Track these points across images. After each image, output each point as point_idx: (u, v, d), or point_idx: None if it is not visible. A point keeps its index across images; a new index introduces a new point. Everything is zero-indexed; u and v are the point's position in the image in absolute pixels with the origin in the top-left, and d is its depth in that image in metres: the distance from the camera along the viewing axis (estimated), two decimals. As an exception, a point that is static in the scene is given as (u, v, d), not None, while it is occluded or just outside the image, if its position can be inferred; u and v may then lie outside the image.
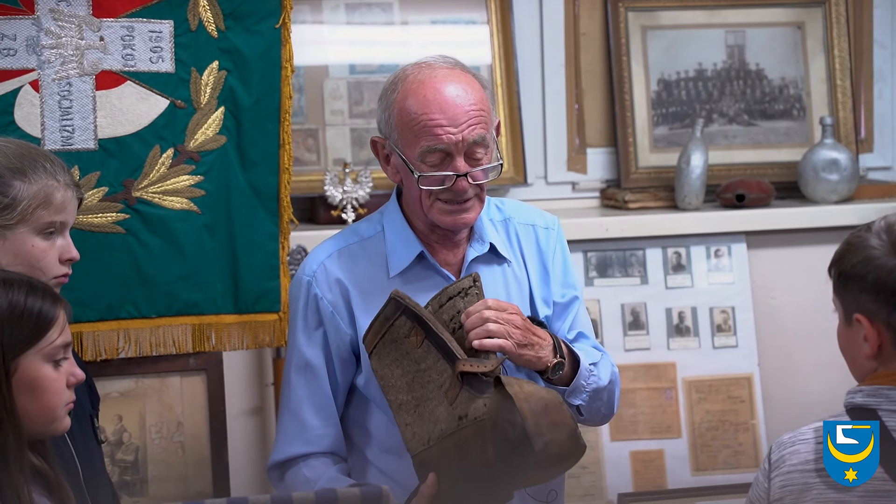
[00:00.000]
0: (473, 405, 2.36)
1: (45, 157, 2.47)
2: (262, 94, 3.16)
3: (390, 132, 2.59)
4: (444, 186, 2.55)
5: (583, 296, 2.80)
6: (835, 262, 2.25)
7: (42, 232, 2.43)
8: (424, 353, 2.45)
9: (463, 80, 2.57)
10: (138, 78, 3.06)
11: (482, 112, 2.56)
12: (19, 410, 2.07)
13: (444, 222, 2.59)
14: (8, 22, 2.95)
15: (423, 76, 2.57)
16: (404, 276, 2.63)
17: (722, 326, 3.79)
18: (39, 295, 2.12)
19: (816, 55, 4.03)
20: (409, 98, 2.55)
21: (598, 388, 2.61)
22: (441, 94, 2.54)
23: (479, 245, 2.66)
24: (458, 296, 2.47)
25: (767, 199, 3.87)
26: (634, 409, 3.73)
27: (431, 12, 3.88)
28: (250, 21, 3.13)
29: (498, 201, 2.78)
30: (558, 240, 2.76)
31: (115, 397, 3.19)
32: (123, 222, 3.08)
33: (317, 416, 2.65)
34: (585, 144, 3.97)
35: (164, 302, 3.13)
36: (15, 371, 2.08)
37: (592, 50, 3.96)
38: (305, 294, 2.65)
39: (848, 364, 2.28)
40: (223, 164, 3.15)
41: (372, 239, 2.67)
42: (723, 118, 4.01)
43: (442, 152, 2.54)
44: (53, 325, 2.12)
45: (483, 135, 2.55)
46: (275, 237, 3.22)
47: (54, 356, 2.12)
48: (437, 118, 2.52)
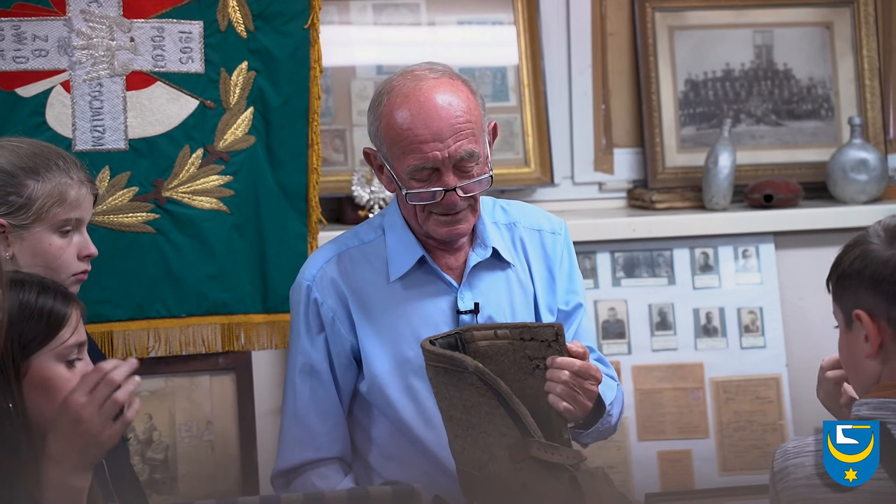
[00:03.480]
0: (537, 477, 2.30)
1: (58, 155, 2.48)
2: (291, 95, 3.17)
3: (380, 145, 2.57)
4: (435, 201, 2.52)
5: (587, 302, 2.77)
6: (832, 269, 2.19)
7: (59, 230, 2.44)
8: (492, 404, 2.34)
9: (450, 90, 2.52)
10: (168, 78, 3.08)
11: (470, 123, 2.51)
12: (34, 410, 2.05)
13: (438, 234, 2.57)
14: (40, 23, 2.97)
15: (407, 88, 2.53)
16: (404, 281, 2.61)
17: (750, 327, 3.79)
18: (51, 294, 2.10)
19: (845, 55, 4.01)
20: (394, 112, 2.52)
21: (607, 429, 2.60)
22: (426, 107, 2.50)
23: (482, 250, 2.63)
24: (542, 343, 2.35)
25: (795, 199, 3.85)
26: (662, 410, 3.72)
27: (458, 13, 3.88)
28: (279, 22, 3.14)
29: (504, 203, 2.74)
30: (565, 245, 2.73)
31: (145, 396, 3.20)
32: (153, 222, 3.10)
33: (323, 421, 2.63)
34: (612, 145, 3.97)
35: (193, 301, 3.14)
36: (27, 371, 2.06)
37: (619, 50, 3.96)
38: (306, 299, 2.63)
39: (850, 377, 2.20)
40: (252, 165, 3.16)
41: (372, 243, 2.65)
42: (750, 118, 4.00)
43: (429, 169, 2.51)
44: (65, 325, 2.09)
45: (471, 149, 2.51)
46: (303, 237, 3.23)
47: (67, 356, 2.10)
48: (423, 134, 2.49)
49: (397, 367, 2.60)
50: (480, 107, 2.57)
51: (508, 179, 3.78)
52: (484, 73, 3.87)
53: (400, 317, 2.60)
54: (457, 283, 2.61)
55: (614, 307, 3.76)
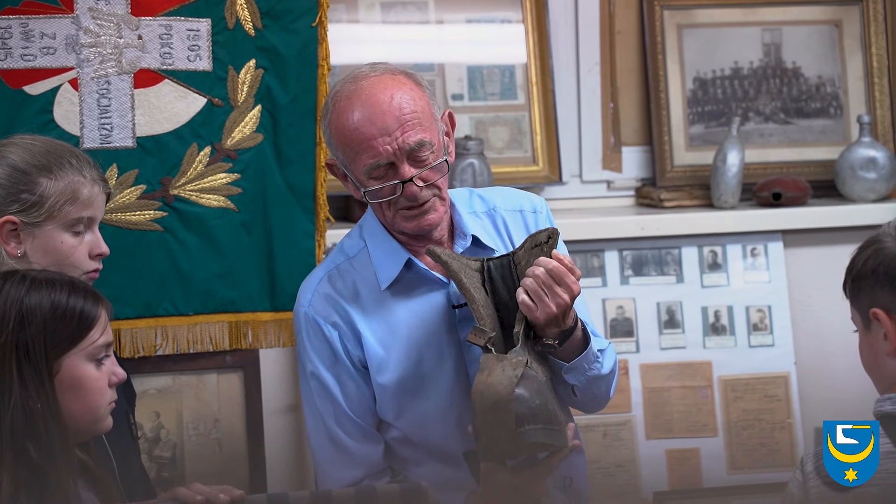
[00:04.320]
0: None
1: (71, 154, 2.48)
2: (299, 93, 3.17)
3: (335, 152, 2.58)
4: (396, 195, 2.53)
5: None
6: (847, 272, 2.20)
7: (70, 228, 2.44)
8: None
9: (391, 85, 2.54)
10: (176, 76, 3.08)
11: (415, 113, 2.52)
12: (63, 410, 2.08)
13: (408, 229, 2.57)
14: (47, 21, 2.97)
15: (349, 91, 2.55)
16: (395, 287, 2.61)
17: (758, 325, 3.78)
18: (81, 295, 2.13)
19: (854, 53, 4.01)
20: (340, 116, 2.53)
21: (598, 377, 2.59)
22: (369, 105, 2.51)
23: (462, 240, 2.63)
24: (537, 248, 2.49)
25: (804, 197, 3.85)
26: (670, 408, 3.72)
27: (466, 11, 3.88)
28: (287, 19, 3.14)
29: (480, 191, 2.75)
30: (547, 221, 2.72)
31: (153, 394, 3.21)
32: (161, 220, 3.10)
33: (352, 438, 2.62)
34: (621, 143, 3.96)
35: (201, 299, 3.14)
36: (58, 371, 2.09)
37: (628, 48, 3.95)
38: (306, 324, 2.64)
39: (873, 379, 2.21)
40: (260, 162, 3.16)
41: (357, 256, 2.65)
42: (759, 116, 3.99)
43: (384, 165, 2.52)
44: (95, 325, 2.13)
45: (421, 139, 2.51)
46: (311, 235, 3.23)
47: (96, 355, 2.13)
48: (369, 131, 2.50)
49: (402, 372, 2.60)
50: (428, 97, 2.57)
51: (516, 177, 3.78)
52: (492, 72, 3.87)
53: (398, 322, 2.61)
54: (445, 279, 2.62)
55: (622, 305, 3.75)
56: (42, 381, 2.05)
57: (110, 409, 2.17)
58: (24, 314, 2.06)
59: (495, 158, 3.80)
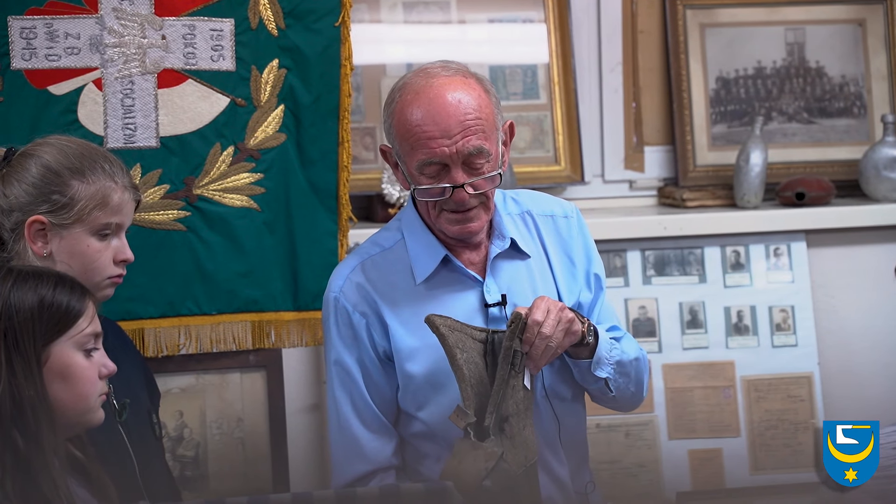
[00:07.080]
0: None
1: (105, 158, 2.49)
2: (322, 92, 3.18)
3: (393, 142, 2.58)
4: (444, 197, 2.54)
5: (605, 284, 2.78)
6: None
7: (98, 233, 2.45)
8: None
9: (461, 88, 2.53)
10: (199, 76, 3.09)
11: (480, 120, 2.52)
12: (53, 401, 2.10)
13: (450, 231, 2.59)
14: (72, 21, 2.98)
15: (419, 86, 2.54)
16: (430, 282, 2.62)
17: (781, 325, 3.77)
18: (67, 287, 2.15)
19: (877, 52, 3.99)
20: (405, 109, 2.53)
21: (622, 361, 2.60)
22: (435, 104, 2.51)
23: (500, 241, 2.64)
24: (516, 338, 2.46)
25: (827, 197, 3.84)
26: (693, 408, 3.71)
27: (489, 11, 3.88)
28: (310, 19, 3.15)
29: (513, 193, 2.75)
30: (579, 228, 2.74)
31: (176, 393, 3.22)
32: (184, 220, 3.11)
33: (367, 429, 2.63)
34: (643, 142, 3.96)
35: (224, 299, 3.15)
36: (47, 359, 2.11)
37: (650, 48, 3.95)
38: (335, 310, 2.64)
39: None
40: (283, 162, 3.17)
41: (393, 248, 2.66)
42: (782, 116, 3.98)
43: (438, 164, 2.52)
44: (83, 315, 2.15)
45: (480, 146, 2.51)
46: (333, 234, 3.23)
47: (85, 344, 2.14)
48: (431, 130, 2.50)
49: (431, 365, 2.60)
50: (494, 105, 2.58)
51: (539, 177, 3.77)
52: (514, 71, 3.87)
53: None
54: (481, 277, 2.62)
55: (645, 305, 3.75)
56: (31, 368, 2.08)
57: (101, 402, 2.18)
58: (11, 305, 2.09)
59: (517, 158, 3.80)
